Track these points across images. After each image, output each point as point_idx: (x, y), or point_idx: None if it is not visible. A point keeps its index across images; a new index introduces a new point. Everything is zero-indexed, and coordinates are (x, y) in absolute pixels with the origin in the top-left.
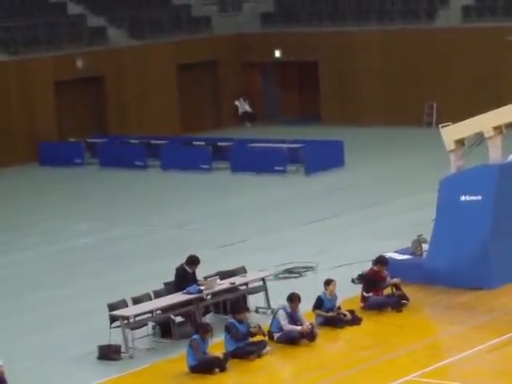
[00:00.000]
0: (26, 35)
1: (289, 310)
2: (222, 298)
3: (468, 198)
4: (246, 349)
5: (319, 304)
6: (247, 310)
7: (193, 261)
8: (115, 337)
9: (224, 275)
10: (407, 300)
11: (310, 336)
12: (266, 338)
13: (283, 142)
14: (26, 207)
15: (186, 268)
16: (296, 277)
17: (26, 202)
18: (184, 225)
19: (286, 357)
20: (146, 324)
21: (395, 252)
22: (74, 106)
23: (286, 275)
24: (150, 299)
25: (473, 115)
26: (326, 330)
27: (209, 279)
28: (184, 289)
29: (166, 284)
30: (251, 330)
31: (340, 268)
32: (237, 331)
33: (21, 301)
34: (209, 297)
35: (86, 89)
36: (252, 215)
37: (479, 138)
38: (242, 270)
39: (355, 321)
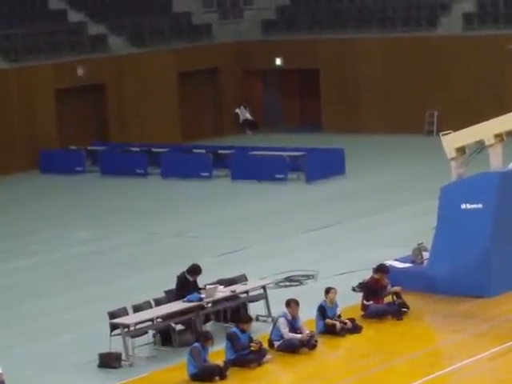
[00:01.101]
0: (27, 43)
1: (289, 317)
2: (222, 306)
3: (469, 205)
4: (246, 357)
5: (323, 312)
6: (252, 320)
7: (195, 270)
8: (116, 345)
9: (225, 283)
10: (408, 308)
11: (311, 344)
12: (267, 347)
13: (284, 149)
14: (27, 215)
15: (187, 276)
16: (296, 285)
17: (27, 210)
18: (184, 233)
19: (287, 365)
20: (147, 332)
21: (396, 260)
22: (74, 113)
23: (287, 283)
24: (151, 307)
25: (474, 123)
26: (326, 339)
27: (209, 287)
28: (185, 297)
29: (166, 292)
30: (252, 345)
31: (340, 276)
32: (238, 342)
33: (22, 309)
34: (209, 305)
35: (86, 96)
36: (253, 223)
37: (480, 146)
38: (242, 278)
39: (356, 329)
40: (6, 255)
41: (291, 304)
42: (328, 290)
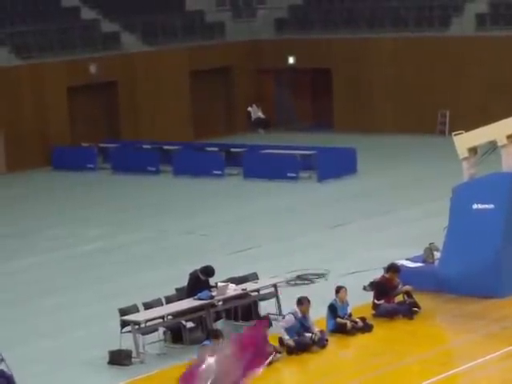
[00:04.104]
0: (40, 40)
1: (299, 315)
2: (233, 304)
3: (480, 206)
4: None
5: (334, 311)
6: (271, 325)
7: (208, 272)
8: (126, 342)
9: (236, 281)
10: (419, 308)
11: (321, 343)
12: (277, 345)
13: (296, 148)
14: (39, 212)
15: (200, 275)
16: (308, 283)
17: (38, 207)
18: (196, 230)
19: (296, 363)
20: (157, 329)
21: (407, 259)
22: (86, 111)
23: (298, 282)
24: (162, 304)
25: (486, 123)
26: (337, 337)
27: (220, 285)
28: (196, 294)
29: (177, 289)
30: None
31: (352, 275)
32: None
33: (32, 305)
34: (220, 303)
35: (98, 94)
36: (264, 221)
37: (492, 147)
38: (253, 277)
39: (366, 328)
40: (17, 252)
41: (303, 302)
42: (338, 289)
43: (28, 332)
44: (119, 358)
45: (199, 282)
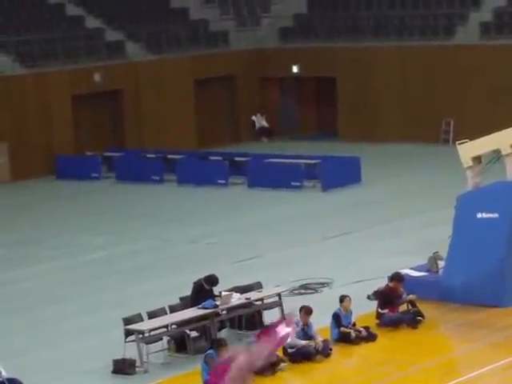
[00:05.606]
0: (44, 49)
1: (301, 323)
2: (237, 313)
3: (485, 215)
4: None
5: (338, 320)
6: None
7: (212, 280)
8: (130, 351)
9: (240, 290)
10: (423, 317)
11: (325, 352)
12: (281, 354)
13: (300, 157)
14: (43, 221)
15: (204, 284)
16: (312, 293)
17: (42, 216)
18: (200, 239)
19: (301, 373)
20: (161, 338)
21: (411, 269)
22: (91, 119)
23: (302, 291)
24: (166, 314)
25: (490, 132)
26: (340, 347)
27: (224, 294)
28: (200, 304)
29: (181, 298)
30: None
31: (356, 284)
32: None
33: (36, 314)
34: (224, 312)
35: (103, 103)
36: (268, 231)
37: (496, 155)
38: (257, 286)
39: (370, 337)
40: (21, 261)
41: (301, 311)
42: (342, 298)
43: (30, 341)
44: (123, 367)
45: (203, 290)
